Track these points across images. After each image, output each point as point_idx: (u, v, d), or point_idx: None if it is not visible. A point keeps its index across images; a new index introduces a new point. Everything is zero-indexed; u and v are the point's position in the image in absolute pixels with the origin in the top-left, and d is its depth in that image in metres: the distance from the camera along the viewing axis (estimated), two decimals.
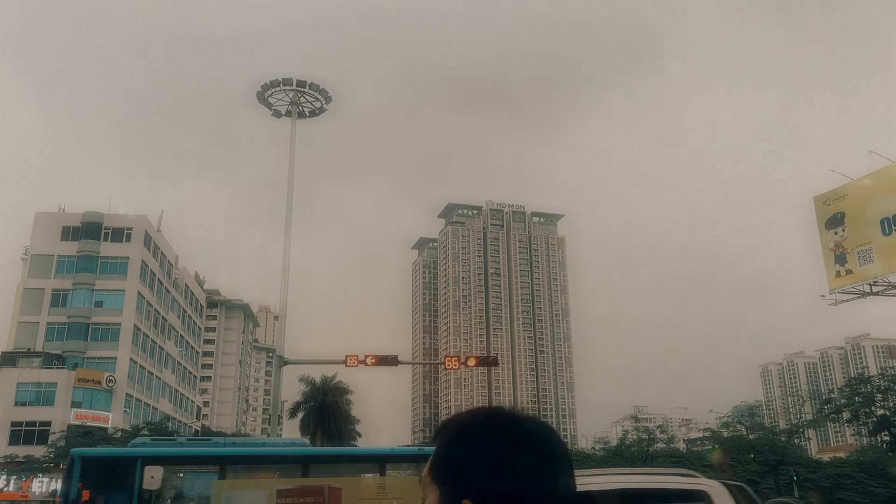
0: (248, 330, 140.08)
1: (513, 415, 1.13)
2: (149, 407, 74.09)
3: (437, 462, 1.12)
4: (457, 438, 1.12)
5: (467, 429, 1.13)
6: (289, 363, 23.47)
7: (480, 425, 1.13)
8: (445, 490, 1.08)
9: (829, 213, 32.67)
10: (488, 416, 1.14)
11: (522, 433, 1.09)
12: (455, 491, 1.06)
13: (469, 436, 1.11)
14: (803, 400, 64.11)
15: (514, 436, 1.09)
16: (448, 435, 1.14)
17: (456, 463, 1.09)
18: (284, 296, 23.68)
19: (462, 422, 1.16)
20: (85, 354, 67.42)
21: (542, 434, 1.10)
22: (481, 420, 1.14)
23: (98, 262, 70.52)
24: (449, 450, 1.11)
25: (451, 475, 1.08)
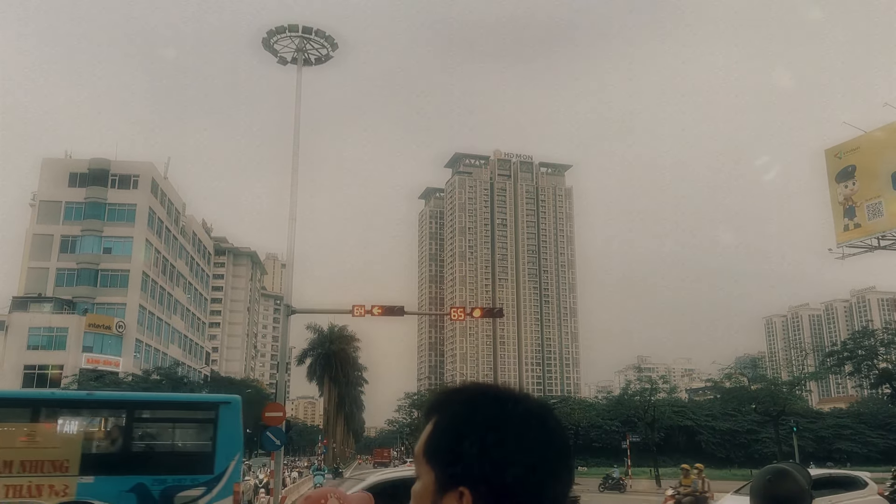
0: (255, 277, 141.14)
1: (515, 396, 1.07)
2: (158, 352, 75.25)
3: (434, 442, 1.06)
4: (455, 420, 1.05)
5: (467, 410, 1.06)
6: (296, 312, 23.67)
7: (482, 408, 1.05)
8: (441, 474, 1.03)
9: (840, 166, 32.30)
10: (491, 399, 1.06)
11: (526, 419, 1.04)
12: (453, 476, 1.01)
13: (469, 419, 1.04)
14: (806, 352, 64.58)
15: (517, 421, 1.03)
16: (446, 415, 1.07)
17: (454, 447, 1.03)
18: (292, 244, 23.74)
19: (461, 401, 1.08)
20: (95, 300, 68.18)
21: (543, 419, 1.05)
22: (483, 402, 1.06)
23: (106, 208, 70.68)
24: (447, 431, 1.05)
25: (449, 459, 1.03)
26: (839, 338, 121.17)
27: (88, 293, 68.24)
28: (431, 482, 1.04)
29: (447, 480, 1.02)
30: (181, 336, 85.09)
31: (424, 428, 1.10)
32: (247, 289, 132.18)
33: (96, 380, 56.07)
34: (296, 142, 24.39)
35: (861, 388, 67.92)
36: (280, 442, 22.07)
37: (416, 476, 1.09)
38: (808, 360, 62.03)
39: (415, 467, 1.10)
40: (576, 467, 37.38)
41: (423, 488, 1.05)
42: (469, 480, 1.00)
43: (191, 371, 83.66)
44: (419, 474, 1.07)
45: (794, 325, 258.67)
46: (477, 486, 0.99)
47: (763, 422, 57.42)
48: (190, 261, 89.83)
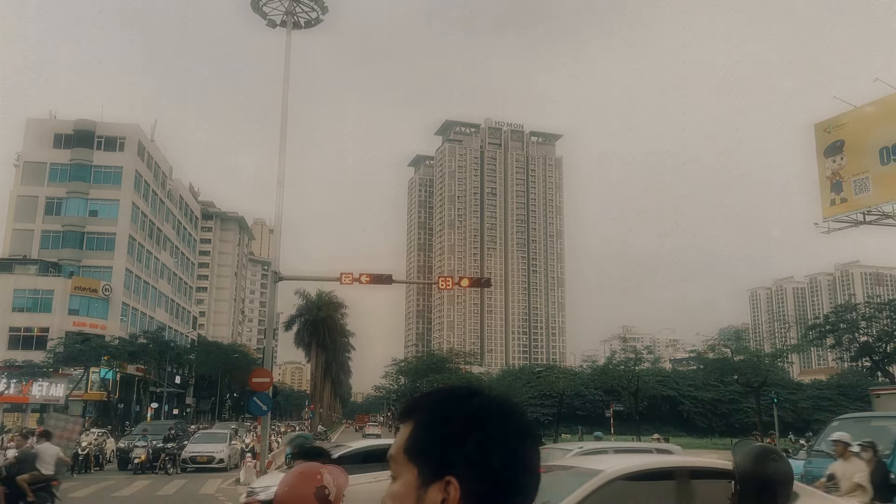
0: (243, 243, 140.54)
1: (488, 394, 1.13)
2: (145, 316, 75.12)
3: (415, 439, 1.09)
4: (436, 416, 1.10)
5: (446, 406, 1.11)
6: (284, 279, 23.63)
7: (460, 403, 1.11)
8: (425, 468, 1.06)
9: (828, 140, 32.33)
10: (466, 395, 1.12)
11: (500, 411, 1.09)
12: (437, 468, 1.05)
13: (449, 413, 1.09)
14: (789, 325, 65.35)
15: (493, 413, 1.09)
16: (425, 413, 1.11)
17: (438, 439, 1.07)
18: (280, 210, 23.61)
19: (439, 400, 1.13)
20: (81, 263, 67.76)
21: (516, 412, 1.11)
22: (460, 398, 1.12)
23: (91, 170, 69.87)
24: (428, 427, 1.09)
25: (433, 452, 1.06)
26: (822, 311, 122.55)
27: (74, 256, 67.79)
28: (414, 478, 1.06)
29: (431, 473, 1.05)
30: (168, 300, 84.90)
31: (401, 431, 1.13)
32: (234, 254, 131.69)
33: (82, 343, 55.96)
34: (284, 107, 24.12)
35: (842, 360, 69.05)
36: (267, 407, 22.20)
37: (393, 477, 1.11)
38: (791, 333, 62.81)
39: (392, 469, 1.11)
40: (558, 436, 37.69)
41: (405, 486, 1.08)
42: (455, 469, 1.04)
43: (178, 335, 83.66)
44: (397, 475, 1.10)
45: (779, 297, 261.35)
46: (463, 474, 1.03)
47: (745, 392, 58.25)
48: (177, 225, 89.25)
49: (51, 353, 54.53)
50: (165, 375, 69.60)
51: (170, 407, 72.15)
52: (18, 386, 52.66)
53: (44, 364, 53.32)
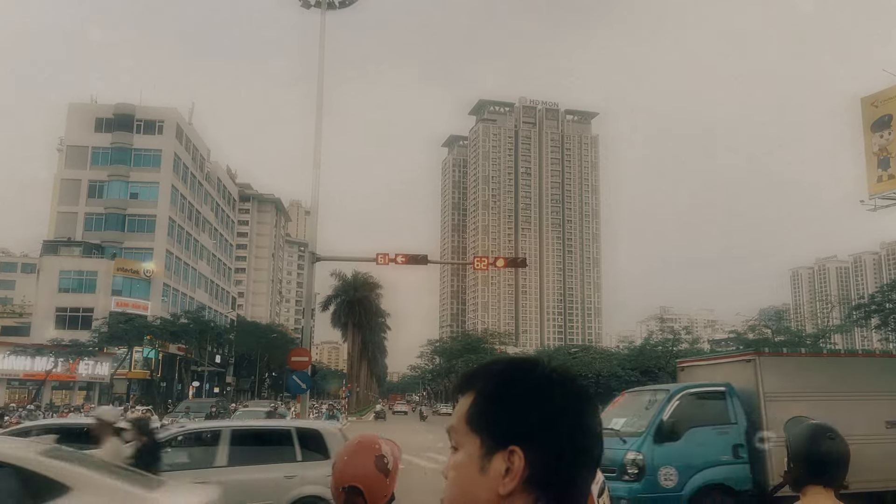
0: (279, 224, 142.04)
1: (548, 364, 1.13)
2: (185, 296, 76.53)
3: (476, 410, 1.09)
4: (498, 386, 1.10)
5: (508, 376, 1.11)
6: (321, 259, 23.79)
7: (522, 373, 1.11)
8: (488, 438, 1.06)
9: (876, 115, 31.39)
10: (527, 366, 1.12)
11: (561, 381, 1.10)
12: (500, 437, 1.05)
13: (512, 383, 1.09)
14: (832, 305, 63.94)
15: (554, 383, 1.09)
16: (487, 382, 1.11)
17: (501, 409, 1.07)
18: (316, 192, 23.71)
19: (500, 370, 1.13)
20: (123, 245, 69.18)
21: (576, 382, 1.12)
22: (521, 368, 1.12)
23: (132, 153, 71.05)
24: (491, 396, 1.09)
25: (496, 422, 1.06)
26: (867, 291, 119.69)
27: (116, 237, 69.24)
28: (477, 448, 1.07)
29: (495, 443, 1.05)
30: (207, 281, 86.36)
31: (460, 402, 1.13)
32: (271, 235, 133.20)
33: (126, 323, 57.29)
34: (319, 88, 24.13)
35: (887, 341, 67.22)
36: (305, 386, 22.45)
37: (455, 447, 1.11)
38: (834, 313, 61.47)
39: (452, 439, 1.12)
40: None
41: (467, 456, 1.08)
42: (519, 439, 1.04)
43: (217, 315, 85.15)
44: (459, 445, 1.10)
45: (821, 277, 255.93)
46: (527, 443, 1.04)
47: None
48: (215, 207, 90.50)
49: (96, 332, 55.93)
50: (206, 355, 70.99)
51: (210, 385, 73.66)
52: (66, 364, 54.13)
53: (89, 343, 54.74)
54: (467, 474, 1.07)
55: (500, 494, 1.04)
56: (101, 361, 57.76)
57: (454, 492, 1.09)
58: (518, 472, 1.03)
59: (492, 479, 1.04)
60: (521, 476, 1.03)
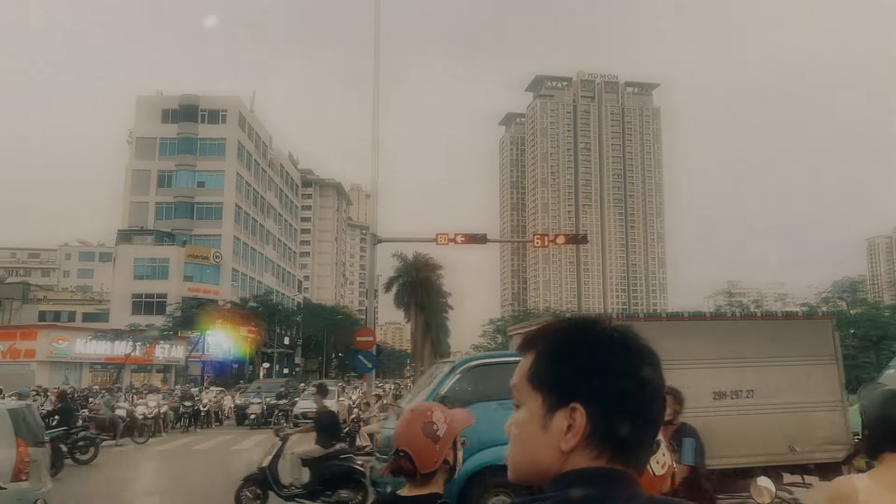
0: (341, 208, 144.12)
1: (608, 323, 1.14)
2: (254, 280, 78.63)
3: (537, 368, 1.11)
4: (558, 344, 1.12)
5: (568, 335, 1.13)
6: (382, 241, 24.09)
7: (581, 331, 1.13)
8: (550, 395, 1.07)
9: None
10: (587, 324, 1.14)
11: (621, 338, 1.11)
12: (562, 395, 1.06)
13: (572, 341, 1.11)
14: None
15: (615, 340, 1.10)
16: (547, 342, 1.13)
17: (561, 367, 1.09)
18: (375, 174, 23.96)
19: (560, 329, 1.15)
20: (192, 232, 71.45)
21: (638, 339, 1.13)
22: (580, 327, 1.14)
23: (197, 143, 73.09)
24: (551, 355, 1.11)
25: (557, 379, 1.08)
26: None
27: (186, 225, 71.53)
28: (539, 405, 1.08)
29: (556, 400, 1.07)
30: (274, 265, 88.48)
31: (522, 361, 1.15)
32: (334, 219, 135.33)
33: (198, 307, 59.27)
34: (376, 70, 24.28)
35: None
36: (371, 365, 22.81)
37: (517, 405, 1.13)
38: None
39: (515, 398, 1.14)
40: None
41: (529, 413, 1.10)
42: (580, 395, 1.05)
43: (284, 298, 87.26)
44: (521, 403, 1.12)
45: None
46: (588, 399, 1.05)
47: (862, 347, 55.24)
48: (279, 192, 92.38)
49: (170, 317, 58.09)
50: (275, 337, 72.91)
51: (280, 366, 75.70)
52: (143, 348, 56.41)
53: (164, 327, 56.91)
54: (529, 431, 1.09)
55: (562, 451, 1.05)
56: (176, 345, 60.01)
57: (517, 449, 1.11)
58: (580, 428, 1.04)
59: (553, 435, 1.06)
60: (582, 433, 1.04)
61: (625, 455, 1.06)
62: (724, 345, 9.89)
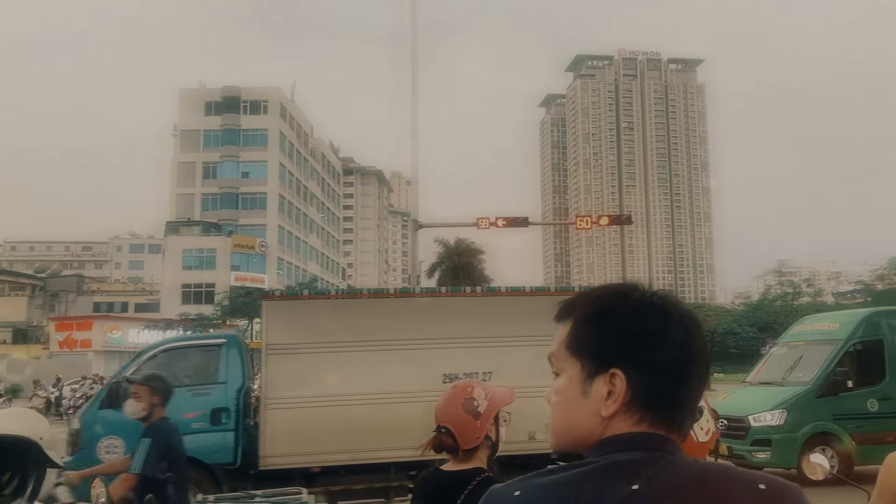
0: (382, 195, 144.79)
1: (648, 289, 1.13)
2: (299, 269, 79.66)
3: (576, 335, 1.10)
4: (596, 311, 1.11)
5: (606, 301, 1.12)
6: (423, 227, 24.10)
7: (620, 297, 1.12)
8: (589, 361, 1.07)
9: None
10: (626, 290, 1.13)
11: (662, 303, 1.10)
12: (602, 360, 1.06)
13: (610, 307, 1.11)
14: None
15: (654, 305, 1.09)
16: (585, 309, 1.12)
17: (601, 333, 1.08)
18: (415, 161, 23.94)
19: (598, 296, 1.13)
20: (237, 222, 72.61)
21: (678, 304, 1.12)
22: (619, 293, 1.13)
23: (240, 134, 74.04)
24: (590, 321, 1.10)
25: (597, 345, 1.07)
26: None
27: (231, 216, 72.70)
28: (578, 372, 1.08)
29: (596, 366, 1.06)
30: (318, 253, 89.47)
31: (559, 330, 1.14)
32: (375, 206, 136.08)
33: (245, 295, 60.30)
34: (413, 55, 24.21)
35: None
36: None
37: (557, 373, 1.13)
38: None
39: (554, 365, 1.13)
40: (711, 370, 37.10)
41: (568, 380, 1.09)
42: (619, 361, 1.05)
43: (329, 286, 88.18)
44: (560, 370, 1.12)
45: None
46: (627, 365, 1.04)
47: None
48: (321, 181, 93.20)
49: (218, 306, 59.24)
50: None
51: None
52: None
53: (213, 316, 58.08)
54: (570, 398, 1.09)
55: (602, 416, 1.05)
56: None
57: (558, 416, 1.11)
58: (620, 394, 1.04)
59: (594, 401, 1.05)
60: (623, 398, 1.04)
61: (667, 420, 1.05)
62: (460, 323, 9.14)
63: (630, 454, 1.02)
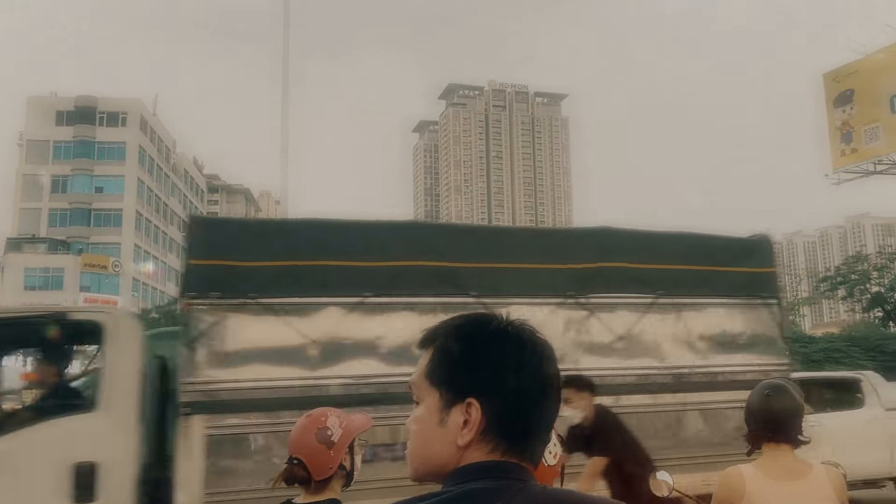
0: (250, 214, 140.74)
1: (505, 319, 1.13)
2: (156, 290, 75.66)
3: (434, 364, 1.11)
4: (454, 340, 1.11)
5: (464, 331, 1.13)
6: None
7: (478, 328, 1.12)
8: (446, 391, 1.08)
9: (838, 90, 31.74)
10: (483, 320, 1.13)
11: (518, 334, 1.11)
12: (458, 390, 1.07)
13: (468, 337, 1.11)
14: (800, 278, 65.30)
15: (511, 336, 1.10)
16: (444, 339, 1.13)
17: (457, 363, 1.09)
18: (285, 180, 23.45)
19: (456, 326, 1.14)
20: (89, 240, 68.22)
21: (534, 335, 1.13)
22: (477, 323, 1.13)
23: (95, 147, 70.01)
24: (448, 351, 1.11)
25: (454, 375, 1.08)
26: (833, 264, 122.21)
27: (82, 233, 68.22)
28: (436, 401, 1.09)
29: (453, 396, 1.07)
30: (178, 273, 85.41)
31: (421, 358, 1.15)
32: None
33: None
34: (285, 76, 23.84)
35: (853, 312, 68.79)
36: None
37: (417, 402, 1.14)
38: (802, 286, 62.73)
39: (414, 394, 1.14)
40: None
41: (427, 409, 1.10)
42: (475, 391, 1.06)
43: None
44: (420, 399, 1.12)
45: (789, 251, 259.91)
46: (483, 395, 1.05)
47: None
48: (183, 199, 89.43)
49: None
50: None
51: None
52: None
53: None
54: (428, 427, 1.09)
55: (458, 446, 1.06)
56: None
57: (416, 444, 1.11)
58: (475, 423, 1.05)
59: (451, 431, 1.06)
60: (478, 427, 1.05)
61: (520, 448, 1.06)
62: None
63: (483, 483, 1.02)
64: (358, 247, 5.82)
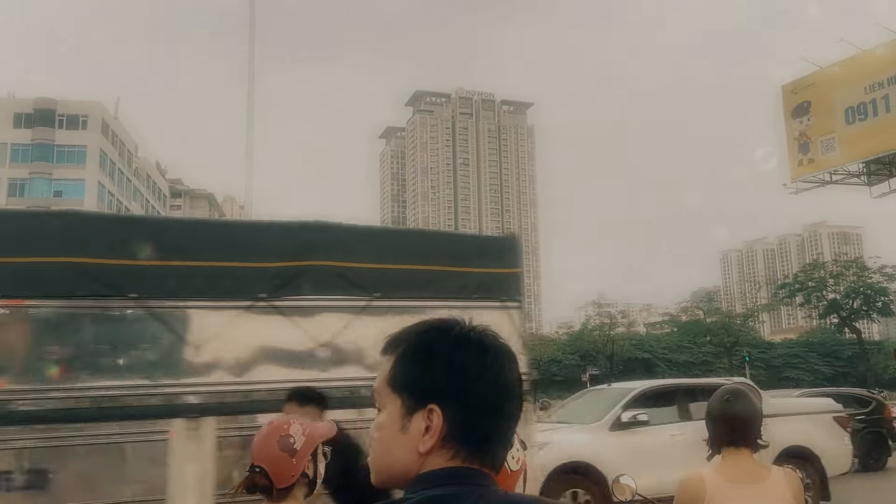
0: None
1: (467, 325, 1.14)
2: None
3: (396, 371, 1.11)
4: (415, 347, 1.12)
5: (425, 338, 1.13)
6: None
7: (439, 334, 1.12)
8: (408, 397, 1.08)
9: (795, 101, 32.59)
10: (445, 327, 1.13)
11: (479, 339, 1.12)
12: (419, 397, 1.07)
13: (429, 344, 1.11)
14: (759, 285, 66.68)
15: (472, 342, 1.11)
16: (405, 345, 1.13)
17: (418, 370, 1.09)
18: (249, 185, 23.21)
19: (418, 332, 1.14)
20: None
21: (496, 340, 1.13)
22: (438, 329, 1.13)
23: (54, 150, 68.44)
24: (409, 358, 1.11)
25: (415, 382, 1.08)
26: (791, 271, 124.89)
27: None
28: (398, 408, 1.09)
29: (414, 402, 1.07)
30: None
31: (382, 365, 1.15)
32: None
33: None
34: (251, 76, 23.67)
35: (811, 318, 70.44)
36: None
37: (378, 409, 1.14)
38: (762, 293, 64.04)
39: (377, 401, 1.14)
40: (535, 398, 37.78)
41: (389, 416, 1.10)
42: (437, 397, 1.06)
43: None
44: (382, 406, 1.12)
45: (749, 259, 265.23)
46: (444, 401, 1.06)
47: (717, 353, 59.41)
48: (145, 203, 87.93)
49: None
50: None
51: None
52: None
53: None
54: (390, 434, 1.09)
55: (420, 452, 1.06)
56: None
57: (378, 451, 1.11)
58: (437, 429, 1.05)
59: (412, 437, 1.06)
60: (439, 433, 1.05)
61: (481, 453, 1.07)
62: None
63: (444, 489, 1.03)
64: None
